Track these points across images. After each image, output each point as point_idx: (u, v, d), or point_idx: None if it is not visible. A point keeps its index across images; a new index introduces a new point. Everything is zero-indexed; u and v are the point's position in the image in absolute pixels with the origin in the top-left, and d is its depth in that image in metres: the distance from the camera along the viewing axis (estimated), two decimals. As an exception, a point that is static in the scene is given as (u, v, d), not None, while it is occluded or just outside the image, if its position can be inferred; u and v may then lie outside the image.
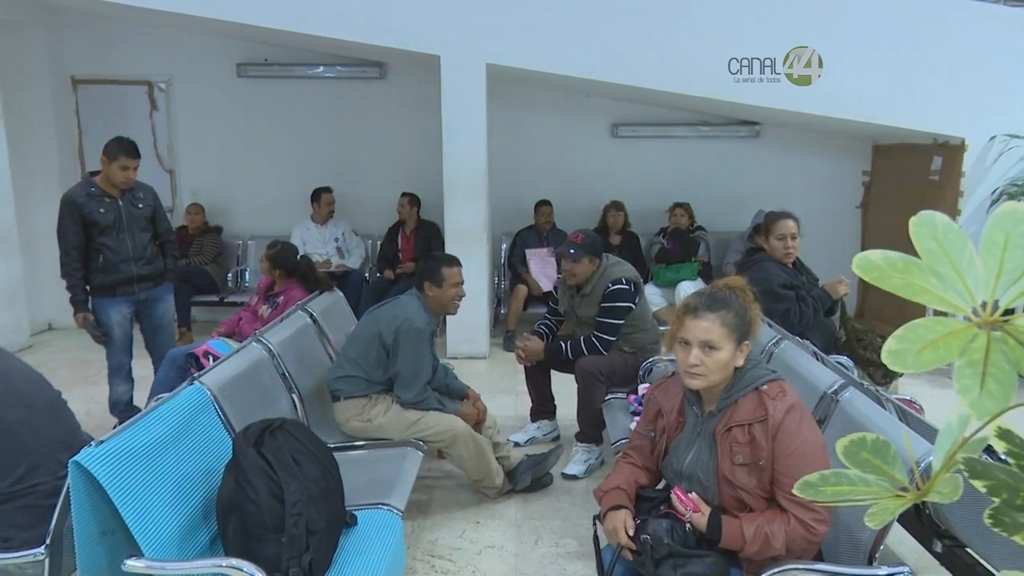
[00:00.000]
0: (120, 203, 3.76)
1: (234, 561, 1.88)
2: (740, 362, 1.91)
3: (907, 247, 0.57)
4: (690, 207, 6.03)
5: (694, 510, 1.87)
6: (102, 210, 3.70)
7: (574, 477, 3.48)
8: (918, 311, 0.61)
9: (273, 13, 5.01)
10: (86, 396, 4.53)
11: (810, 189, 6.23)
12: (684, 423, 2.01)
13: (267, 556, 1.95)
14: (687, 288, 5.50)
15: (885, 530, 1.85)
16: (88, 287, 3.76)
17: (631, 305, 3.52)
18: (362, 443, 3.06)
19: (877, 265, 0.55)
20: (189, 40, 6.14)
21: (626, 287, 3.50)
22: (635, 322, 3.55)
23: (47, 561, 1.90)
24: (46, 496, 1.95)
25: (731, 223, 6.20)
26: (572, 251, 3.50)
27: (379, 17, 5.03)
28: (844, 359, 3.29)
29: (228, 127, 6.39)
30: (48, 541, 1.89)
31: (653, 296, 5.43)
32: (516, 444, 3.79)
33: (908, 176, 5.59)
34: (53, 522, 1.89)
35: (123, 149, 3.70)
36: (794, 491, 0.72)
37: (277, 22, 5.03)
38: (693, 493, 1.91)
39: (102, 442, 1.85)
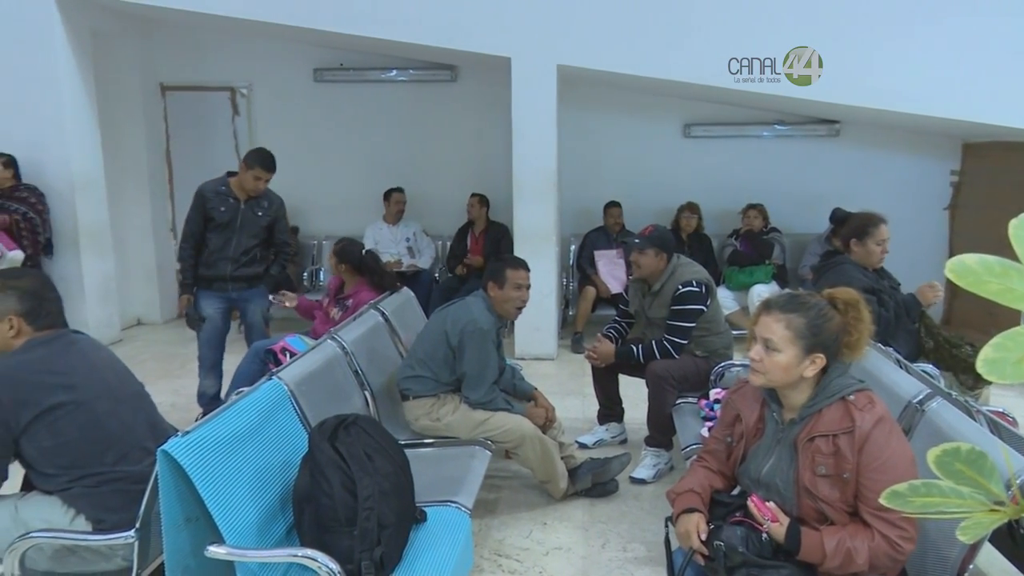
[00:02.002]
0: (242, 207, 3.97)
1: (309, 551, 1.93)
2: (808, 373, 1.84)
3: (1000, 250, 0.54)
4: (764, 208, 5.87)
5: (772, 519, 1.82)
6: (223, 208, 3.93)
7: (642, 481, 3.44)
8: (1011, 318, 0.58)
9: (349, 19, 5.14)
10: (171, 388, 4.74)
11: (893, 190, 5.98)
12: (763, 429, 1.96)
13: (340, 548, 2.00)
14: (761, 292, 5.36)
15: (976, 548, 1.76)
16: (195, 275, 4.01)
17: (702, 308, 3.45)
18: (430, 441, 3.10)
19: (973, 270, 0.52)
20: (269, 47, 6.36)
21: (696, 289, 3.44)
22: (707, 325, 3.48)
23: (136, 544, 2.00)
24: (135, 482, 2.05)
25: (807, 225, 6.01)
26: (639, 241, 3.48)
27: (452, 21, 5.10)
28: (929, 367, 3.14)
29: (305, 130, 6.59)
30: (138, 525, 1.99)
31: (725, 299, 5.30)
32: (583, 446, 3.78)
33: (1002, 176, 5.30)
34: (142, 507, 1.98)
35: (260, 161, 3.93)
36: (881, 500, 0.69)
37: (353, 28, 5.16)
38: (771, 502, 1.85)
39: (188, 432, 1.93)
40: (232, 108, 6.61)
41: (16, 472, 2.09)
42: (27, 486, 2.16)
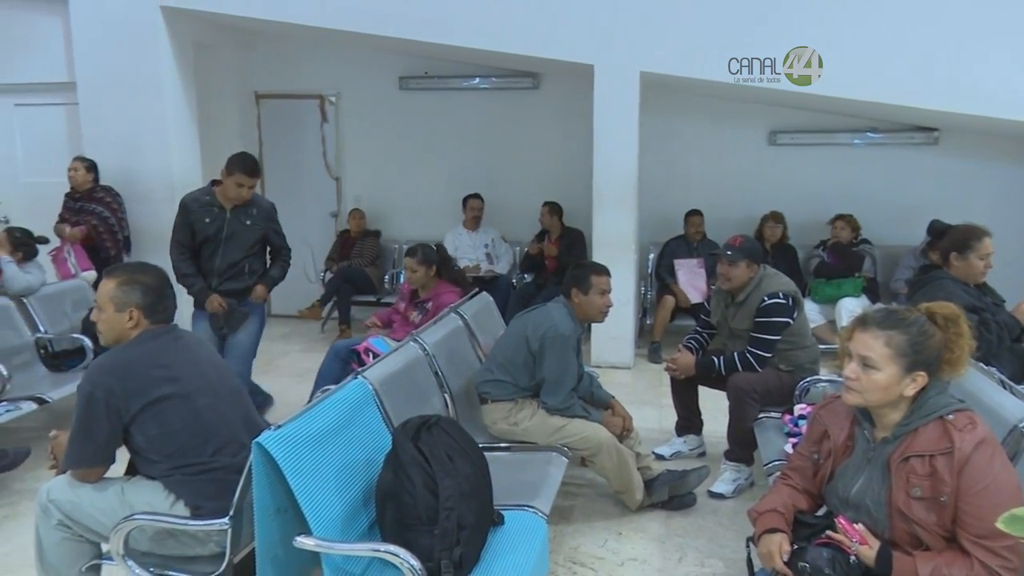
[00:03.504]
0: (227, 216, 3.78)
1: (392, 547, 1.98)
2: (908, 392, 1.77)
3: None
4: (854, 219, 5.64)
5: (861, 542, 1.75)
6: (207, 219, 3.75)
7: (721, 496, 3.36)
8: None
9: (435, 28, 5.25)
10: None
11: (997, 201, 5.67)
12: (853, 447, 1.89)
13: (420, 546, 2.04)
14: (849, 305, 5.17)
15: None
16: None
17: (788, 320, 3.36)
18: (507, 445, 3.12)
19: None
20: (357, 57, 6.55)
21: (783, 301, 3.34)
22: (793, 339, 3.38)
23: (229, 531, 2.09)
24: (230, 473, 2.15)
25: (901, 236, 5.75)
26: (730, 253, 3.40)
27: (535, 29, 5.14)
28: (1036, 390, 2.95)
29: (389, 137, 6.75)
30: (232, 513, 2.08)
31: (811, 312, 5.13)
32: (660, 457, 3.72)
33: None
34: (236, 496, 2.07)
35: (241, 166, 3.70)
36: (999, 524, 0.66)
37: (439, 36, 5.27)
38: (860, 524, 1.78)
39: (280, 427, 2.01)
40: (321, 115, 6.84)
41: (121, 457, 2.23)
42: (131, 470, 2.30)
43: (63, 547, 2.19)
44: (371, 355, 3.63)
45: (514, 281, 6.27)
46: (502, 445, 3.12)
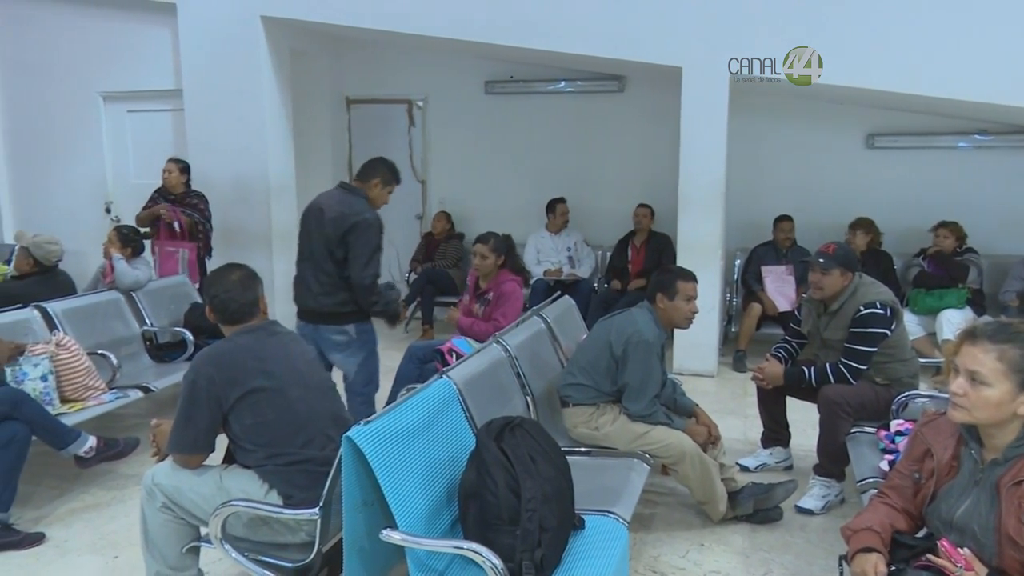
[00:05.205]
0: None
1: (475, 546, 2.00)
2: (1022, 410, 1.66)
3: None
4: (959, 227, 5.31)
5: (967, 567, 1.66)
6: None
7: (809, 512, 3.24)
8: None
9: (522, 32, 5.28)
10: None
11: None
12: (958, 468, 1.79)
13: (502, 545, 2.05)
14: (952, 318, 4.89)
15: None
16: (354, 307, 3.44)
17: (886, 332, 3.21)
18: (587, 449, 3.11)
19: None
20: (444, 62, 6.67)
21: (881, 311, 3.19)
22: (890, 351, 3.23)
23: (319, 521, 2.16)
24: (318, 465, 2.23)
25: (1012, 246, 5.42)
26: (822, 260, 3.28)
27: (622, 31, 5.10)
28: None
29: (474, 141, 6.84)
30: (321, 504, 2.15)
31: (909, 324, 4.87)
32: (745, 469, 3.63)
33: None
34: (326, 487, 2.15)
35: (398, 177, 3.65)
36: None
37: (525, 41, 5.30)
38: (965, 548, 1.69)
39: (369, 422, 2.07)
40: (408, 119, 7.00)
41: (218, 445, 2.34)
42: (228, 459, 2.41)
43: (166, 528, 2.32)
44: (454, 355, 3.67)
45: (595, 285, 6.23)
46: (582, 449, 3.10)
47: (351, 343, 3.47)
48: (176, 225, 5.36)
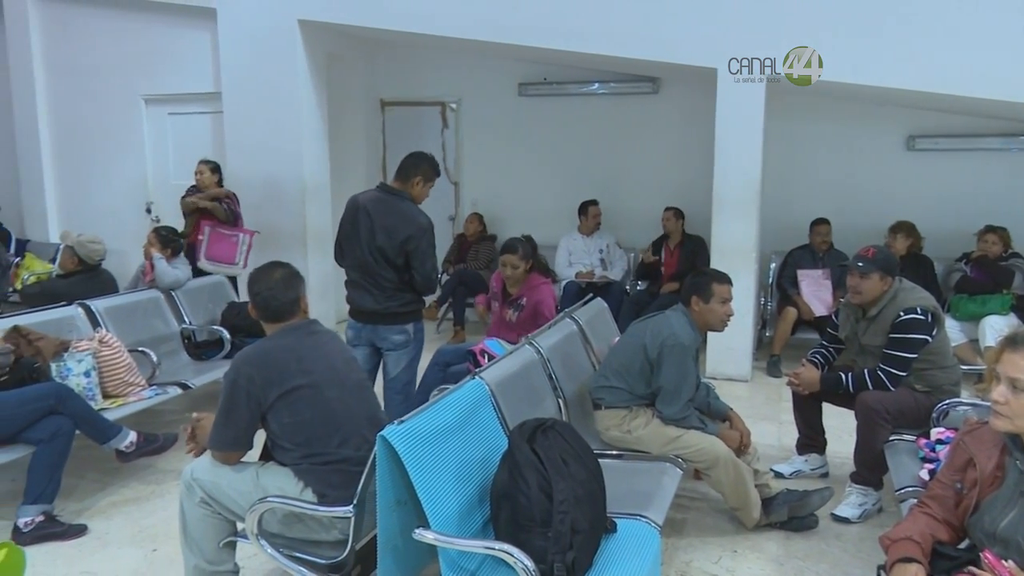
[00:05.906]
0: None
1: (507, 546, 2.01)
2: None
3: None
4: (1007, 233, 5.16)
5: (1010, 580, 1.62)
6: None
7: (846, 520, 3.18)
8: None
9: (556, 34, 5.28)
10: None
11: None
12: (1002, 478, 1.75)
13: (533, 547, 2.05)
14: (995, 324, 4.77)
15: None
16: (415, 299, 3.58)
17: (926, 338, 3.14)
18: (619, 452, 3.09)
19: None
20: (478, 64, 6.70)
21: (922, 317, 3.13)
22: (931, 357, 3.16)
23: (353, 519, 2.19)
24: (354, 464, 2.25)
25: (1060, 251, 5.26)
26: (861, 264, 3.22)
27: (656, 33, 5.07)
28: None
29: (507, 143, 6.85)
30: (355, 502, 2.18)
31: (951, 330, 4.76)
32: (779, 475, 3.58)
33: None
34: (360, 486, 2.17)
35: (437, 170, 3.64)
36: None
37: (559, 43, 5.29)
38: (1010, 561, 1.65)
39: (403, 422, 2.08)
40: (442, 121, 7.04)
41: (256, 442, 2.38)
42: (264, 456, 2.44)
43: (204, 523, 2.36)
44: (487, 356, 3.68)
45: (627, 287, 6.20)
46: (614, 452, 3.09)
47: (409, 342, 3.56)
48: (226, 212, 5.52)
